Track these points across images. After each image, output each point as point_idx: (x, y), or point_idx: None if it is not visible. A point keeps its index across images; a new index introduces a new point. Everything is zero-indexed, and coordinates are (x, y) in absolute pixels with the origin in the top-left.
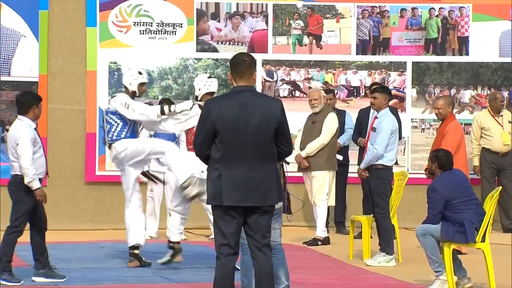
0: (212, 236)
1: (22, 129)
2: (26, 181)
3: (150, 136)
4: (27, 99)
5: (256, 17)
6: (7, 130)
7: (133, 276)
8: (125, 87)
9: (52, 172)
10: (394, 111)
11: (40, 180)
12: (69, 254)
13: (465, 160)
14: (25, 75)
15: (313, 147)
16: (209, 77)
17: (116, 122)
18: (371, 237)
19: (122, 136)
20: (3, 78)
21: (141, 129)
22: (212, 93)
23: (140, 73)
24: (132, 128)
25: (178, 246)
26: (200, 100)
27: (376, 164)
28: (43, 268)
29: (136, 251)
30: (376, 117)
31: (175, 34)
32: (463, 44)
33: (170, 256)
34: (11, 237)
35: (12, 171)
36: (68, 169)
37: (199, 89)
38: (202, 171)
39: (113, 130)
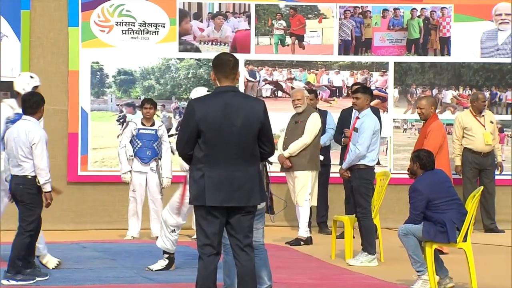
0: (195, 236)
1: (36, 129)
2: (41, 182)
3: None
4: (36, 99)
5: (239, 17)
6: None
7: (115, 276)
8: (17, 93)
9: None
10: (376, 111)
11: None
12: (51, 254)
13: (448, 160)
14: (7, 75)
15: (295, 147)
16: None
17: None
18: (354, 237)
19: None
20: None
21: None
22: None
23: (31, 77)
24: None
25: (173, 256)
26: None
27: (358, 164)
28: (31, 268)
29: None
30: (358, 118)
31: (157, 34)
32: (445, 45)
33: (165, 265)
34: (25, 241)
35: (20, 172)
36: (51, 169)
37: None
38: None
39: None
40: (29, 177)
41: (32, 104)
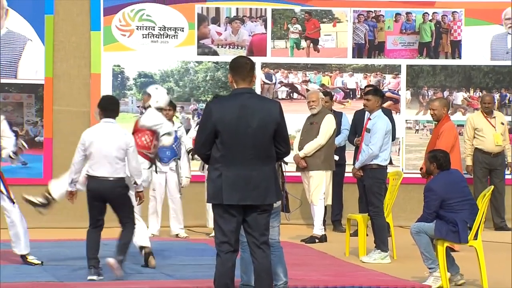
0: (213, 234)
1: (127, 132)
2: (138, 182)
3: None
4: (117, 102)
5: (255, 22)
6: (16, 132)
7: (136, 272)
8: None
9: (57, 172)
10: (388, 112)
11: None
12: (73, 252)
13: (459, 160)
14: (31, 78)
15: (310, 147)
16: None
17: None
18: (367, 235)
19: None
20: (10, 81)
21: None
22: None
23: None
24: None
25: (149, 249)
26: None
27: (370, 164)
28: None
29: None
30: (369, 119)
31: (176, 38)
32: (456, 48)
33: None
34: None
35: (114, 174)
36: None
37: (157, 101)
38: None
39: None
40: (123, 178)
41: (114, 107)
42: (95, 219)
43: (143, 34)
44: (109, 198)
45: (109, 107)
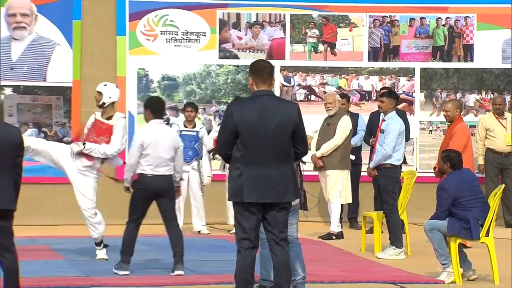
0: (233, 231)
1: (175, 132)
2: (185, 178)
3: None
4: (164, 104)
5: (274, 26)
6: (45, 132)
7: (160, 268)
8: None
9: None
10: (402, 114)
11: None
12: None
13: (471, 160)
14: (60, 81)
15: (327, 147)
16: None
17: None
18: (382, 232)
19: None
20: (40, 84)
21: None
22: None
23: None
24: None
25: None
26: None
27: (384, 163)
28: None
29: None
30: (384, 120)
31: (199, 42)
32: (468, 51)
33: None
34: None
35: (167, 172)
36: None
37: (110, 97)
38: None
39: None
40: (172, 175)
41: (163, 108)
42: (137, 217)
43: (166, 39)
44: (164, 194)
45: (159, 108)
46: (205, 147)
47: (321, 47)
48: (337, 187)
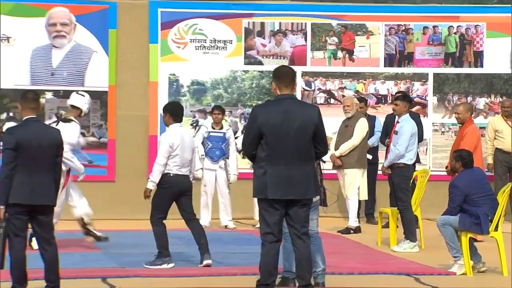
0: (258, 226)
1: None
2: (199, 176)
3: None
4: (183, 108)
5: (296, 34)
6: (83, 134)
7: (189, 260)
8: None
9: (119, 169)
10: (416, 116)
11: None
12: (135, 241)
13: (481, 159)
14: (97, 86)
15: (345, 147)
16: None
17: None
18: (397, 227)
19: None
20: (78, 88)
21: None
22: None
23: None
24: None
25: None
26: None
27: (398, 162)
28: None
29: None
30: (398, 122)
31: (225, 49)
32: (478, 58)
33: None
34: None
35: (187, 172)
36: (133, 167)
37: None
38: None
39: None
40: (189, 175)
41: (182, 112)
42: (166, 213)
43: (195, 46)
44: (186, 193)
45: (179, 113)
46: (231, 147)
47: (340, 54)
48: (354, 184)
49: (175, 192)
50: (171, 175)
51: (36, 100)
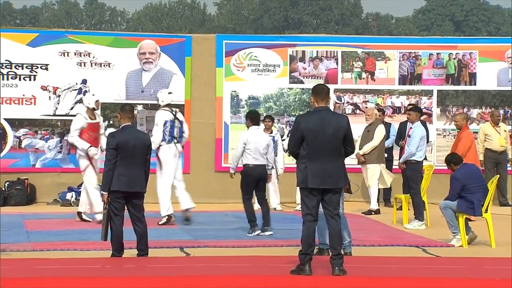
0: (299, 208)
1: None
2: (269, 167)
3: None
4: (260, 115)
5: (330, 60)
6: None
7: (245, 235)
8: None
9: (193, 164)
10: (424, 123)
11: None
12: (205, 219)
13: (476, 156)
14: (176, 100)
15: (367, 147)
16: (169, 92)
17: None
18: (408, 209)
19: None
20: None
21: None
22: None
23: (170, 93)
24: None
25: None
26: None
27: (410, 159)
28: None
29: None
30: (411, 128)
31: (275, 71)
32: (472, 78)
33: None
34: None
35: (263, 162)
36: (204, 163)
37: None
38: None
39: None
40: (265, 165)
41: (259, 118)
42: (250, 193)
43: (251, 69)
44: (263, 179)
45: (255, 118)
46: (279, 148)
47: (364, 75)
48: (375, 176)
49: (254, 178)
50: (250, 165)
51: (132, 111)
